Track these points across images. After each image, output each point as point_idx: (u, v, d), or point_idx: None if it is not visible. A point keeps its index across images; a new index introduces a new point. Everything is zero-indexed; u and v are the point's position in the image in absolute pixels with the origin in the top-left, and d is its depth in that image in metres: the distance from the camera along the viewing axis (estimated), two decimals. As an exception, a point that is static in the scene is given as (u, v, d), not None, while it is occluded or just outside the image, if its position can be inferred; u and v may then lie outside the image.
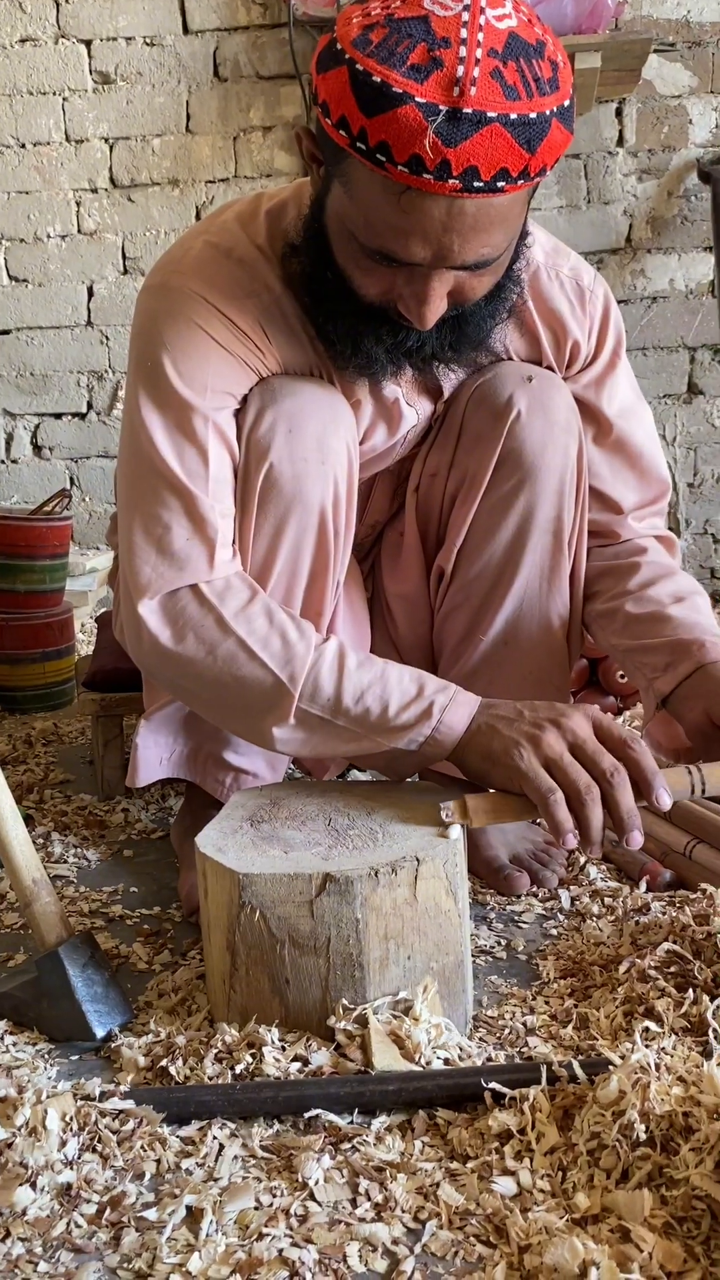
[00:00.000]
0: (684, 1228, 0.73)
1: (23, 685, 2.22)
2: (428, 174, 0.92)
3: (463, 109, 0.90)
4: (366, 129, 0.92)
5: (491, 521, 1.27)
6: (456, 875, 0.98)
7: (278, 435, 1.14)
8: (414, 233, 0.96)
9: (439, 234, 0.96)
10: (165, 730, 1.30)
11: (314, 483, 1.16)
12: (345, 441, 1.18)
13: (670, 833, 1.36)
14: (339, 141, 0.96)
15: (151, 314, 1.15)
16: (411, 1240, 0.75)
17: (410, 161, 0.91)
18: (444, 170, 0.91)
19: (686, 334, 2.82)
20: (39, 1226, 0.77)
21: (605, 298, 1.29)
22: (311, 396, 1.16)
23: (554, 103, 0.94)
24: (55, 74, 2.95)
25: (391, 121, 0.90)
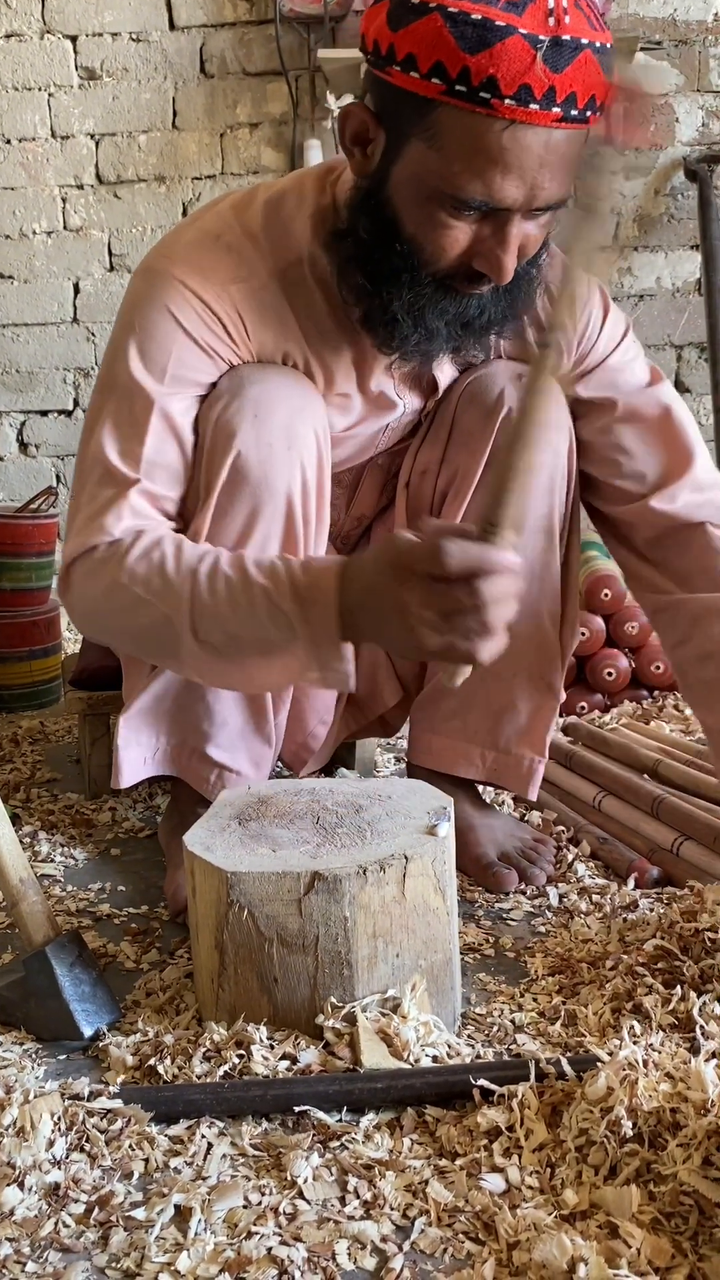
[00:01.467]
0: (672, 1223, 0.73)
1: (9, 684, 2.21)
2: (535, 103, 0.95)
3: (563, 36, 0.94)
4: (470, 67, 0.94)
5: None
6: (445, 873, 0.98)
7: (244, 422, 1.14)
8: (512, 169, 0.98)
9: (535, 170, 0.98)
10: (146, 727, 1.30)
11: (280, 469, 1.15)
12: (314, 429, 1.18)
13: (658, 830, 1.36)
14: (429, 92, 0.97)
15: (132, 296, 1.18)
16: (400, 1238, 0.75)
17: (519, 92, 0.94)
18: (550, 98, 0.95)
19: (673, 332, 2.83)
20: (27, 1226, 0.77)
21: (602, 302, 1.29)
22: (279, 384, 1.16)
23: (609, 40, 1.00)
24: (41, 69, 2.93)
25: (500, 55, 0.93)
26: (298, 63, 2.89)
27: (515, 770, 1.33)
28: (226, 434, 1.14)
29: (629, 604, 2.02)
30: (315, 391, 1.20)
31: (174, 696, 1.28)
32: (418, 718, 1.39)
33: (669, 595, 1.29)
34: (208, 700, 1.26)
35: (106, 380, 1.17)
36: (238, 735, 1.28)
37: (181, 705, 1.28)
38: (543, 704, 1.33)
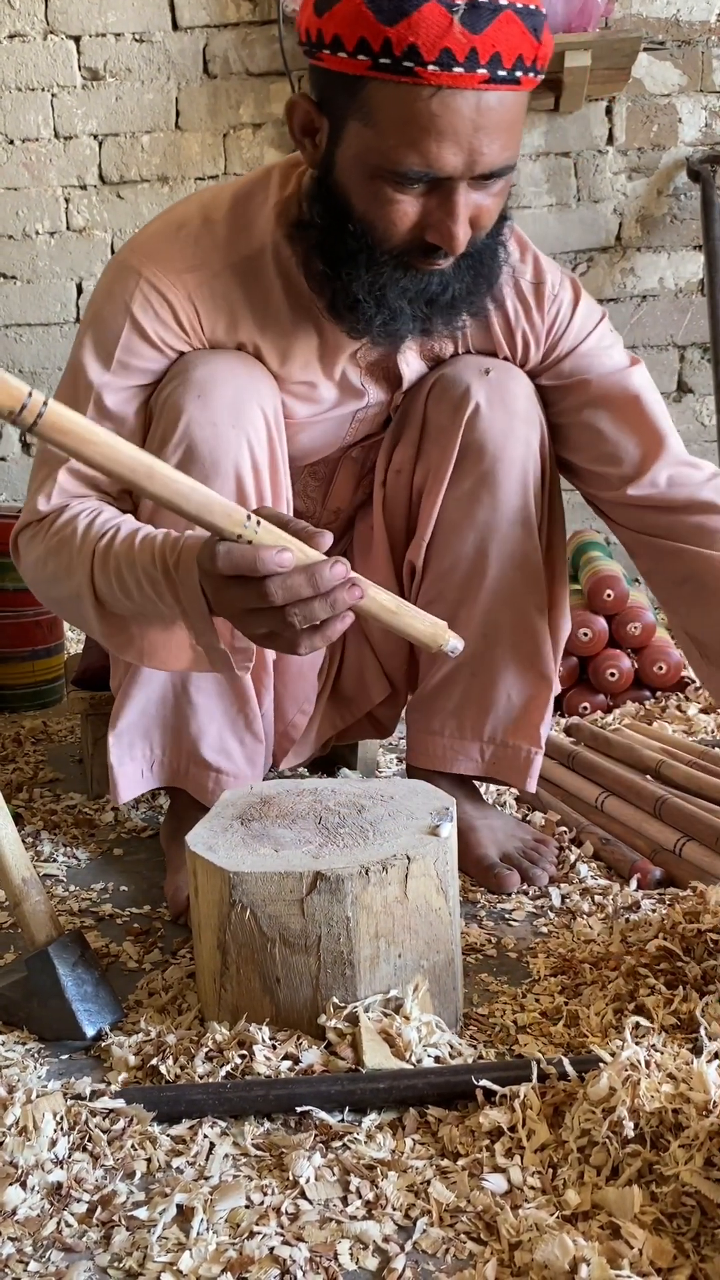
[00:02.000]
0: (674, 1224, 0.73)
1: (11, 684, 2.21)
2: (459, 66, 0.96)
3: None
4: (390, 39, 0.96)
5: (458, 515, 1.28)
6: (447, 873, 0.98)
7: (189, 402, 1.16)
8: (446, 136, 0.99)
9: (469, 134, 0.99)
10: (138, 740, 1.29)
11: (227, 447, 1.16)
12: (260, 407, 1.18)
13: (661, 831, 1.36)
14: (356, 70, 0.99)
15: (97, 285, 1.23)
16: (402, 1238, 0.75)
17: (441, 57, 0.96)
18: (473, 60, 0.96)
19: (676, 332, 2.83)
20: (29, 1226, 0.77)
21: (574, 294, 1.30)
22: (225, 365, 1.18)
23: (540, 2, 1.01)
24: (44, 70, 2.94)
25: (417, 23, 0.95)
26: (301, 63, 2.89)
27: (513, 762, 1.33)
28: (172, 415, 1.16)
29: (632, 604, 2.02)
30: (264, 372, 1.21)
31: (159, 704, 1.28)
32: (413, 719, 1.39)
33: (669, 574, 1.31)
34: (193, 702, 1.26)
35: (67, 366, 1.24)
36: (229, 734, 1.28)
37: (168, 712, 1.28)
38: (536, 693, 1.33)
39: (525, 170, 2.78)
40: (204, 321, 1.19)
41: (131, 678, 1.27)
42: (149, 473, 0.87)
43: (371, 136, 1.02)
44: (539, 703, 1.33)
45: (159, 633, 1.15)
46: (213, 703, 1.26)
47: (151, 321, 1.17)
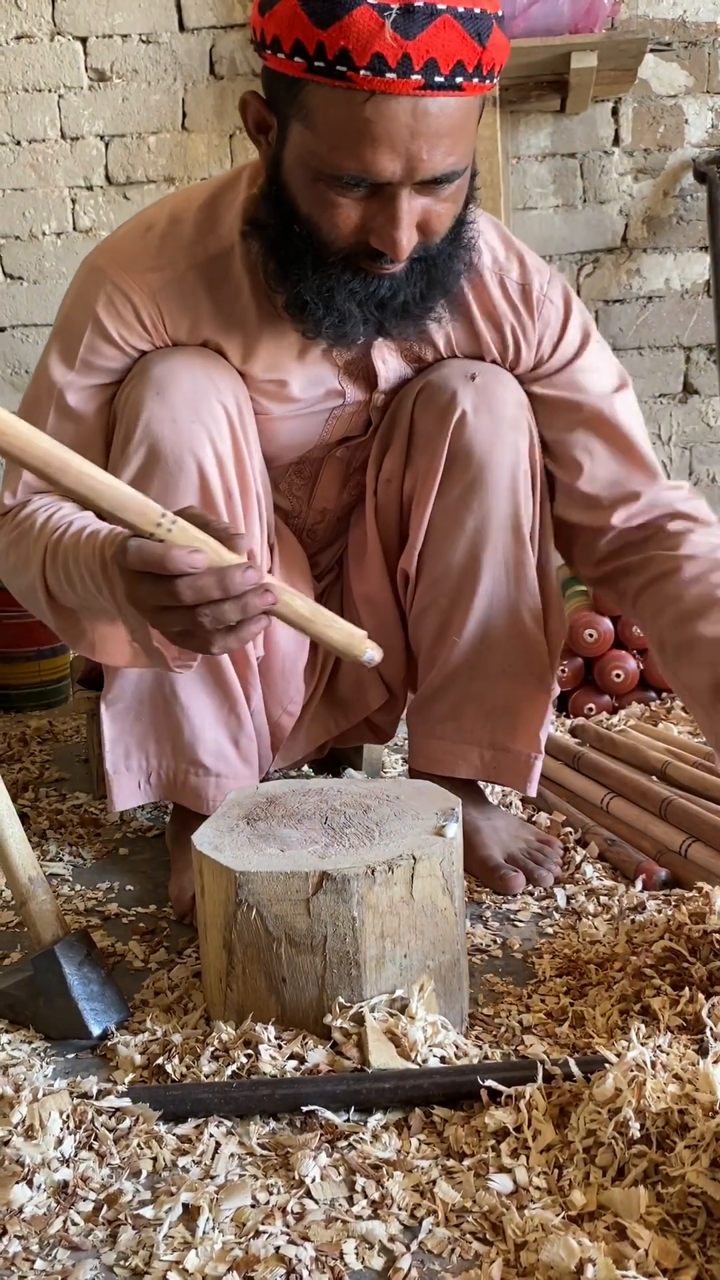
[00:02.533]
0: (680, 1225, 0.73)
1: (17, 683, 2.22)
2: (391, 72, 0.94)
3: (414, 3, 0.93)
4: (324, 42, 0.95)
5: (449, 522, 1.28)
6: (453, 873, 0.98)
7: (148, 399, 1.16)
8: (382, 142, 0.97)
9: (406, 140, 0.98)
10: (133, 748, 1.30)
11: (187, 440, 1.17)
12: (222, 402, 1.19)
13: (666, 832, 1.36)
14: (294, 71, 0.98)
15: (68, 289, 1.25)
16: (408, 1238, 0.75)
17: (373, 61, 0.94)
18: (406, 65, 0.94)
19: (682, 333, 2.82)
20: (36, 1224, 0.77)
21: (564, 301, 1.28)
22: (183, 361, 1.18)
23: (492, 7, 0.98)
24: (51, 71, 2.94)
25: (348, 27, 0.94)
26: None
27: (513, 767, 1.33)
28: (133, 413, 1.17)
29: (637, 605, 2.01)
30: (225, 367, 1.21)
31: (150, 710, 1.27)
32: (413, 723, 1.39)
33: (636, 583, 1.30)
34: (184, 706, 1.26)
35: (36, 366, 1.27)
36: (223, 736, 1.28)
37: (160, 718, 1.27)
38: (534, 700, 1.32)
39: (531, 171, 2.78)
40: (167, 321, 1.19)
41: (120, 683, 1.27)
42: (63, 467, 0.87)
43: (311, 139, 1.01)
44: (537, 707, 1.33)
45: (105, 626, 1.16)
46: (203, 706, 1.26)
47: (114, 322, 1.19)
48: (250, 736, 1.29)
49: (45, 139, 3.01)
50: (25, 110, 2.99)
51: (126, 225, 1.23)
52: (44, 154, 3.02)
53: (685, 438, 2.86)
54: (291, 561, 1.39)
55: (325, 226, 1.05)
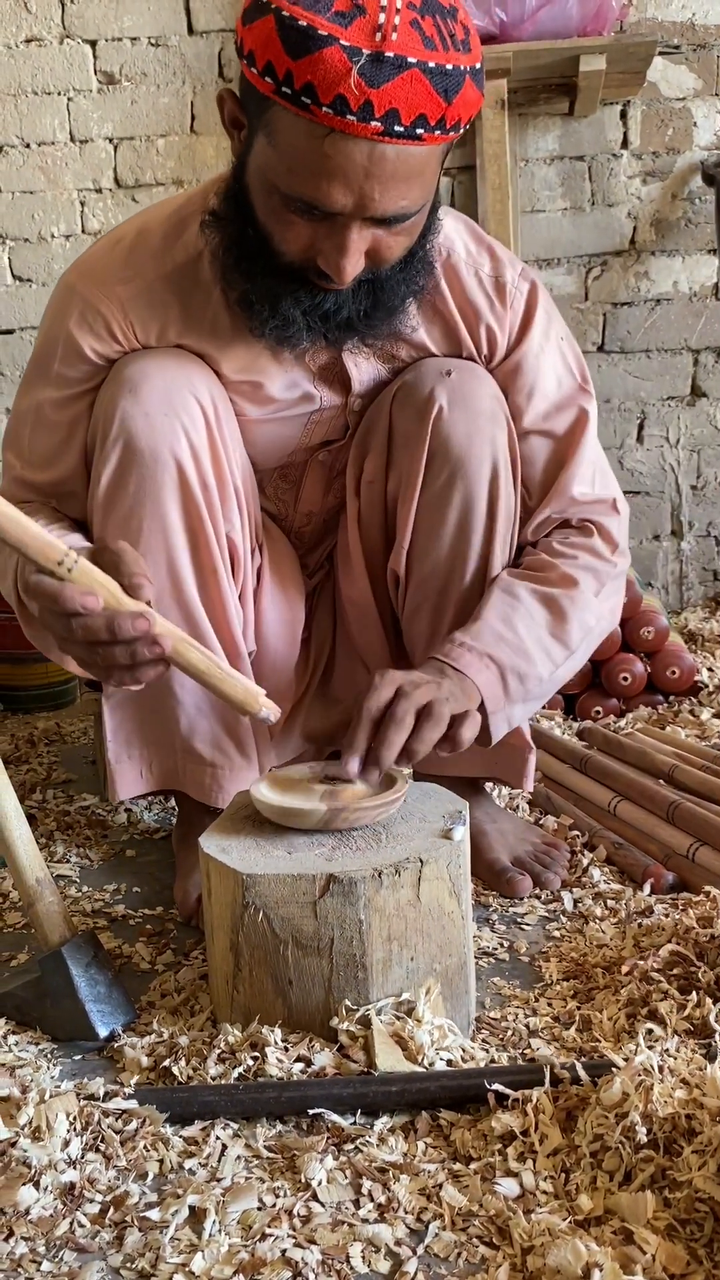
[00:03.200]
0: (687, 1230, 0.73)
1: (25, 685, 2.22)
2: (351, 115, 0.95)
3: (385, 53, 0.94)
4: (292, 71, 0.95)
5: (433, 519, 1.28)
6: (460, 876, 0.98)
7: (121, 399, 1.18)
8: (336, 177, 0.99)
9: (360, 179, 0.99)
10: (134, 738, 1.30)
11: (162, 434, 1.18)
12: (196, 397, 1.20)
13: (674, 835, 1.36)
14: (263, 89, 0.99)
15: (49, 302, 1.28)
16: (414, 1241, 0.75)
17: (335, 102, 0.95)
18: (367, 111, 0.95)
19: (690, 336, 2.82)
20: (42, 1226, 0.77)
21: (531, 292, 1.29)
22: (155, 361, 1.20)
23: (468, 61, 0.99)
24: (60, 74, 2.95)
25: (317, 63, 0.94)
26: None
27: (510, 763, 1.33)
28: (107, 413, 1.19)
29: (644, 609, 2.01)
30: (198, 364, 1.23)
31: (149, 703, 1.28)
32: None
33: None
34: (179, 699, 1.26)
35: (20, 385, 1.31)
36: (219, 728, 1.28)
37: (157, 710, 1.28)
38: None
39: (539, 174, 2.78)
40: (138, 331, 1.22)
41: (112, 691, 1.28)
42: None
43: (272, 156, 1.03)
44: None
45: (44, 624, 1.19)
46: (199, 698, 1.27)
47: (86, 336, 1.21)
48: (248, 728, 1.30)
49: (54, 142, 3.02)
50: (34, 113, 3.00)
51: (99, 241, 1.27)
52: (53, 157, 3.03)
53: (693, 440, 2.86)
54: (281, 560, 1.40)
55: (277, 238, 1.07)
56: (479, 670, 1.18)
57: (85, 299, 1.21)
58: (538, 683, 1.24)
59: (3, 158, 3.01)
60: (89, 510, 1.24)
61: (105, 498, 1.21)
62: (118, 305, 1.20)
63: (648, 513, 2.83)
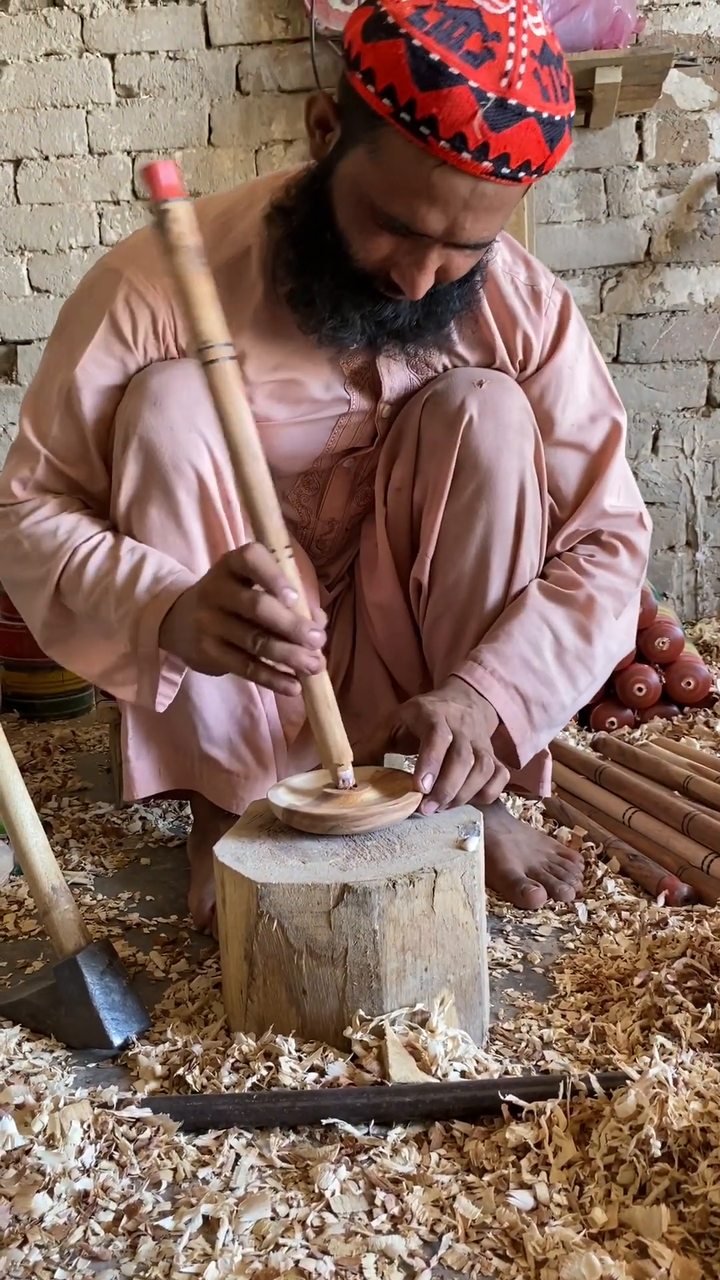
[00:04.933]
0: (701, 1244, 0.72)
1: (41, 693, 2.23)
2: (467, 153, 0.99)
3: (509, 100, 0.98)
4: (416, 101, 0.97)
5: (458, 529, 1.28)
6: (474, 887, 0.98)
7: (144, 410, 1.19)
8: (436, 205, 1.02)
9: (458, 210, 1.03)
10: (152, 739, 1.31)
11: (184, 448, 1.19)
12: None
13: (688, 847, 1.35)
14: (379, 109, 1.00)
15: (78, 289, 1.28)
16: (428, 1253, 0.75)
17: (454, 139, 0.98)
18: (482, 152, 0.99)
19: (705, 347, 2.82)
20: (56, 1234, 0.77)
21: (564, 303, 1.31)
22: (179, 372, 1.20)
23: (569, 110, 1.04)
24: (79, 87, 2.97)
25: (445, 99, 0.96)
26: (332, 81, 2.91)
27: (529, 768, 1.33)
28: (131, 423, 1.20)
29: (659, 619, 2.01)
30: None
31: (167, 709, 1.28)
32: None
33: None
34: (197, 705, 1.26)
35: (45, 351, 1.29)
36: (236, 735, 1.28)
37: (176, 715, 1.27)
38: None
39: (555, 186, 2.79)
40: (179, 320, 1.21)
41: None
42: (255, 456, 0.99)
43: (372, 171, 1.04)
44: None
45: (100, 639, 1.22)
46: (218, 704, 1.27)
47: (127, 321, 1.21)
48: (265, 736, 1.30)
49: (73, 154, 3.04)
50: (54, 126, 3.03)
51: (143, 233, 1.25)
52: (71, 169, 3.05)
53: (709, 452, 2.85)
54: (301, 570, 1.39)
55: (356, 246, 1.09)
56: (505, 703, 1.21)
57: (132, 284, 1.20)
58: (560, 710, 1.27)
59: (21, 170, 3.04)
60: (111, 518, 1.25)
61: (128, 510, 1.21)
62: (161, 295, 1.20)
63: (663, 524, 2.83)
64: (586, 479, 1.32)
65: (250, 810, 1.11)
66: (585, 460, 1.32)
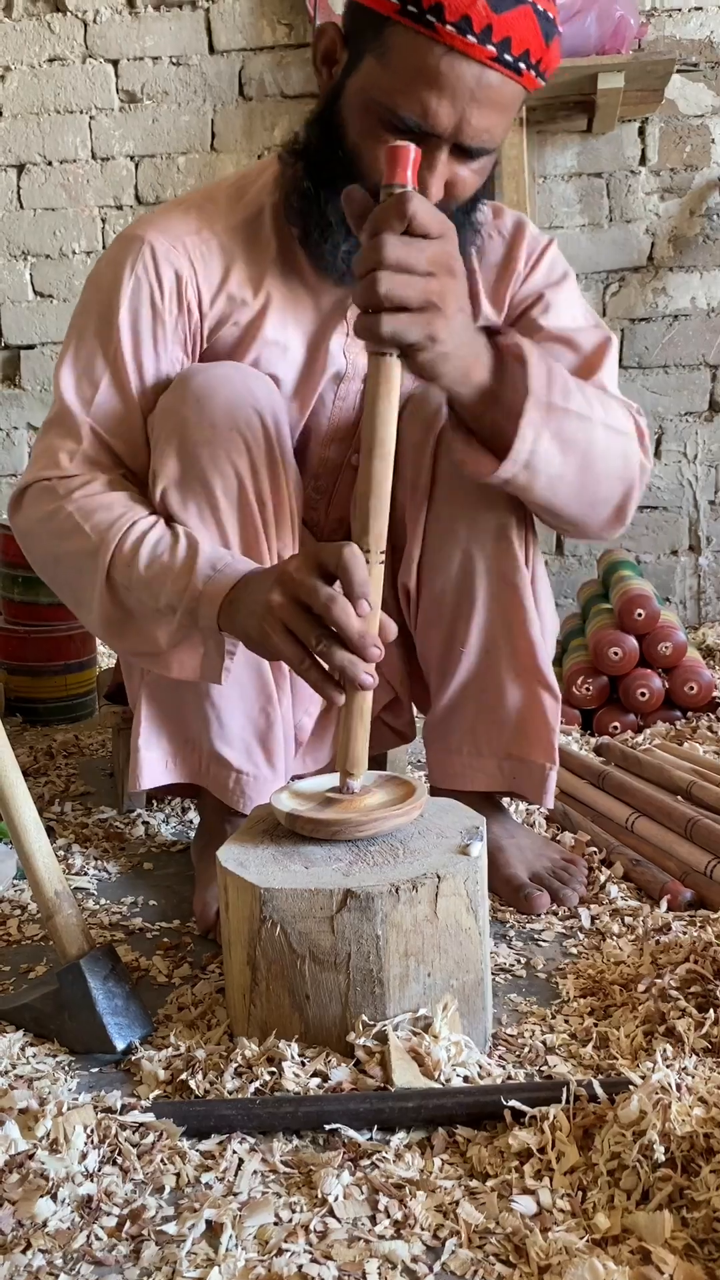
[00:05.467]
0: (705, 1250, 0.72)
1: (44, 697, 2.24)
2: (473, 35, 1.05)
3: None
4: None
5: (442, 534, 1.29)
6: (477, 893, 0.98)
7: (186, 409, 1.20)
8: (445, 95, 1.07)
9: (465, 101, 1.08)
10: (163, 733, 1.31)
11: (224, 448, 1.20)
12: (259, 412, 1.22)
13: (692, 852, 1.35)
14: (384, 9, 1.07)
15: (104, 255, 1.30)
16: (431, 1258, 0.75)
17: (460, 22, 1.04)
18: (487, 34, 1.05)
19: (708, 352, 2.82)
20: (59, 1239, 0.77)
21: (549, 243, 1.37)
22: (222, 374, 1.22)
23: (556, 13, 1.11)
24: (83, 93, 2.98)
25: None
26: (335, 85, 2.91)
27: (530, 778, 1.32)
28: (172, 423, 1.21)
29: (663, 624, 2.01)
30: (261, 379, 1.25)
31: (180, 702, 1.28)
32: (430, 740, 1.39)
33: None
34: (215, 703, 1.26)
35: (72, 326, 1.29)
36: (250, 734, 1.28)
37: (189, 711, 1.28)
38: (543, 706, 1.32)
39: (558, 191, 2.79)
40: (201, 278, 1.25)
41: (152, 680, 1.28)
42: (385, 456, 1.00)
43: (381, 74, 1.10)
44: (548, 715, 1.32)
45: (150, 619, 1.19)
46: (236, 703, 1.27)
47: (152, 281, 1.24)
48: (278, 738, 1.30)
49: (76, 159, 3.05)
50: (57, 131, 3.04)
51: (162, 206, 1.31)
52: (75, 174, 3.06)
53: (711, 455, 2.85)
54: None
55: (367, 156, 1.14)
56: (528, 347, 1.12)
57: (152, 246, 1.24)
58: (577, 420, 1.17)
59: (25, 175, 3.05)
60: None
61: (163, 506, 1.22)
62: (184, 254, 1.24)
63: (666, 528, 2.83)
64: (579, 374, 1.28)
65: (254, 815, 1.11)
66: (577, 359, 1.31)
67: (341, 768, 1.04)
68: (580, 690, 2.03)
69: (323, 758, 1.47)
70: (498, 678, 1.31)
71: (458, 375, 1.08)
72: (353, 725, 1.02)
